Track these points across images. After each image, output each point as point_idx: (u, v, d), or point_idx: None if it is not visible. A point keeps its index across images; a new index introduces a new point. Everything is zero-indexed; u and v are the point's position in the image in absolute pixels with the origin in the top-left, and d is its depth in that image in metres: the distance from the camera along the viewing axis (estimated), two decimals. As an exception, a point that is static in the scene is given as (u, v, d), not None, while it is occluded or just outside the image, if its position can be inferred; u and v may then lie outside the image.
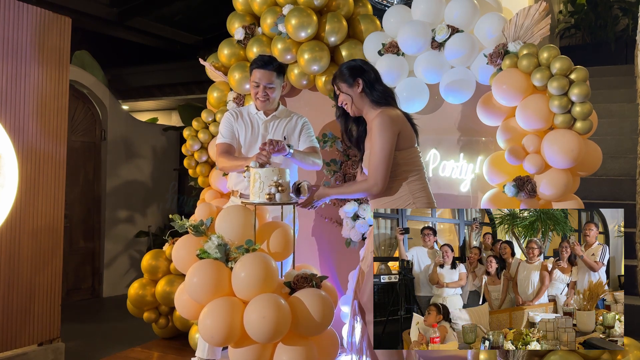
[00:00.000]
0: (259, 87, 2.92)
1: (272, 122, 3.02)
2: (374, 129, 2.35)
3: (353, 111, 2.48)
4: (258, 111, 3.02)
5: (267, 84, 2.91)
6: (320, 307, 2.33)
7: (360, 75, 2.44)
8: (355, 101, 2.45)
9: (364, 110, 2.47)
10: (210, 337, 2.31)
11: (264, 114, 3.01)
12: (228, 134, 3.00)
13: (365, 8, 3.56)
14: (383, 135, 2.31)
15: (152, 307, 3.84)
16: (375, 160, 2.32)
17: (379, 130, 2.31)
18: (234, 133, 3.02)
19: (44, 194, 3.22)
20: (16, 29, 3.06)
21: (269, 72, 2.90)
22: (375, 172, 2.33)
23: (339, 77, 2.48)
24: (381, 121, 2.33)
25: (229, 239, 2.50)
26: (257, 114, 3.02)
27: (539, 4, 2.79)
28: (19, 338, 3.10)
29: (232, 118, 3.03)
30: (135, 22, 7.11)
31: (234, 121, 3.02)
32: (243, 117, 3.05)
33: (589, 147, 2.67)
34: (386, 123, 2.32)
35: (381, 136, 2.31)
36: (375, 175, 2.33)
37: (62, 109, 3.33)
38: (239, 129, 3.02)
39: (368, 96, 2.43)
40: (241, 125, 3.02)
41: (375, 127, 2.34)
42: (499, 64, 2.82)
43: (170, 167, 6.48)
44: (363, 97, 2.44)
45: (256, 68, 2.92)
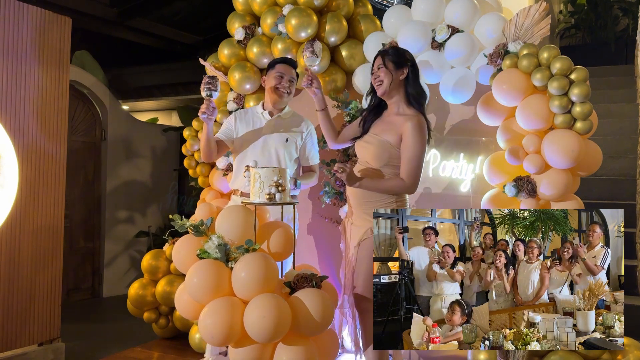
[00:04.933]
0: (284, 78, 2.95)
1: (275, 122, 3.01)
2: (407, 135, 2.45)
3: (384, 90, 2.55)
4: (264, 111, 3.02)
5: (291, 77, 2.97)
6: (320, 307, 2.33)
7: (409, 66, 2.55)
8: (394, 84, 2.53)
9: (394, 98, 2.57)
10: (210, 337, 2.31)
11: (269, 114, 3.01)
12: (223, 130, 3.04)
13: (365, 8, 3.56)
14: (419, 141, 2.45)
15: (152, 307, 3.84)
16: (415, 164, 2.45)
17: (416, 136, 2.44)
18: (230, 132, 3.02)
19: (44, 194, 3.22)
20: (16, 29, 3.06)
21: (291, 68, 2.99)
22: (414, 175, 2.45)
23: (393, 55, 2.56)
24: (420, 126, 2.46)
25: (229, 239, 2.50)
26: (262, 114, 3.02)
27: (539, 4, 2.79)
28: (19, 338, 3.10)
29: (232, 119, 3.05)
30: (135, 22, 7.11)
31: (233, 122, 3.03)
32: (245, 116, 3.06)
33: (589, 147, 2.67)
34: (424, 129, 2.48)
35: (420, 141, 2.45)
36: (414, 177, 2.46)
37: (62, 109, 3.33)
38: (239, 126, 3.02)
39: (406, 87, 2.54)
40: (243, 122, 3.03)
41: (408, 132, 2.45)
42: (499, 64, 2.82)
43: (170, 167, 6.47)
44: (401, 85, 2.55)
45: (280, 63, 2.99)
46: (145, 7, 6.81)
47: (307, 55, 2.80)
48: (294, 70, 3.00)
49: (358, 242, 2.53)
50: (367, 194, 2.51)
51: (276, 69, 2.97)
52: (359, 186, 2.50)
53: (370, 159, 2.55)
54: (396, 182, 2.47)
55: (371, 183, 2.51)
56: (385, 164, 2.51)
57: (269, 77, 2.99)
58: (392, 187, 2.48)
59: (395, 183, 2.47)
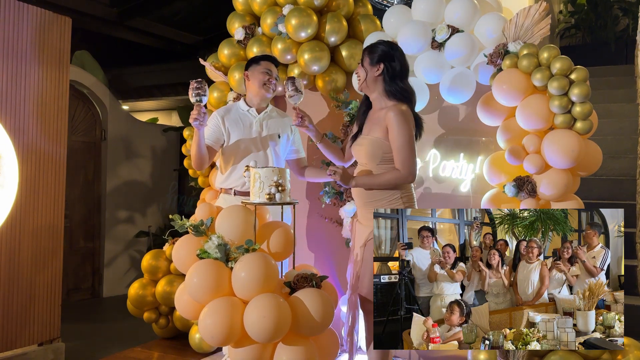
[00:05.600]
0: (271, 74, 2.96)
1: (265, 121, 3.02)
2: (392, 125, 2.44)
3: (360, 86, 2.60)
4: (250, 108, 3.01)
5: (276, 74, 3.00)
6: (320, 307, 2.33)
7: (385, 61, 2.51)
8: (370, 80, 2.54)
9: (374, 94, 2.58)
10: (210, 337, 2.31)
11: (256, 111, 3.01)
12: (209, 135, 2.94)
13: (365, 8, 3.56)
14: (404, 127, 2.43)
15: (152, 307, 3.84)
16: (406, 152, 2.43)
17: (400, 123, 2.42)
18: (219, 136, 2.95)
19: (44, 194, 3.22)
20: (16, 29, 3.06)
21: (275, 67, 3.01)
22: (408, 162, 2.43)
23: (369, 51, 2.58)
24: (397, 115, 2.44)
25: (229, 239, 2.51)
26: (248, 111, 3.01)
27: (539, 4, 2.79)
28: (19, 338, 3.10)
29: (219, 119, 2.97)
30: (135, 22, 7.10)
31: (221, 123, 2.96)
32: (231, 115, 3.00)
33: (589, 147, 2.67)
34: (406, 115, 2.46)
35: (403, 129, 2.42)
36: (409, 165, 2.43)
37: (62, 109, 3.33)
38: (229, 128, 2.96)
39: (384, 84, 2.52)
40: (232, 124, 2.97)
41: (392, 122, 2.44)
42: (499, 64, 2.82)
43: (170, 167, 6.47)
44: (378, 81, 2.54)
45: (265, 60, 3.00)
46: (145, 7, 6.81)
47: (291, 94, 2.70)
48: (276, 69, 3.03)
49: (364, 242, 2.53)
50: (369, 193, 2.51)
51: (262, 65, 2.97)
52: (355, 185, 2.50)
53: (366, 160, 2.55)
54: (392, 173, 2.46)
55: (367, 179, 2.51)
56: (380, 161, 2.50)
57: (254, 72, 2.97)
58: (388, 179, 2.46)
59: (391, 175, 2.46)
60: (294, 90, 2.69)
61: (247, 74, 3.01)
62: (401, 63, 2.54)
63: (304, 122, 2.72)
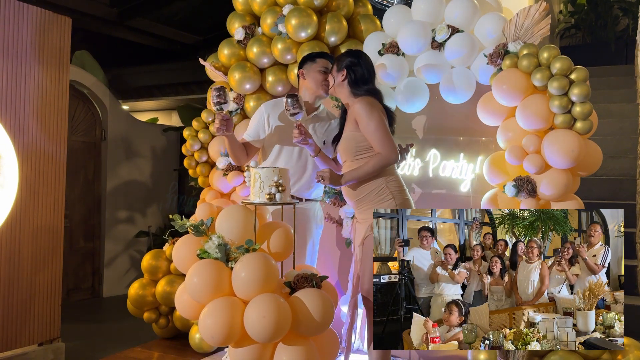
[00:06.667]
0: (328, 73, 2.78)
1: (312, 124, 2.88)
2: (360, 114, 2.53)
3: (330, 91, 2.77)
4: None
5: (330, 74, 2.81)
6: (320, 307, 2.33)
7: (349, 69, 2.64)
8: (338, 86, 2.68)
9: (343, 98, 2.69)
10: (210, 337, 2.31)
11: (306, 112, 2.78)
12: (252, 132, 2.87)
13: (365, 8, 3.56)
14: (372, 113, 2.51)
15: (152, 307, 3.84)
16: (380, 133, 2.50)
17: (366, 111, 2.52)
18: (259, 132, 2.86)
19: (44, 194, 3.22)
20: (16, 29, 3.06)
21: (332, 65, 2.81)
22: (386, 142, 2.49)
23: (336, 60, 2.73)
24: (364, 105, 2.54)
25: (229, 238, 2.51)
26: None
27: (539, 4, 2.79)
28: (19, 338, 3.10)
29: (264, 115, 2.88)
30: (135, 22, 7.11)
31: (265, 120, 2.87)
32: (278, 109, 2.87)
33: (589, 147, 2.67)
34: (369, 105, 2.54)
35: (371, 114, 2.51)
36: (388, 144, 2.49)
37: (62, 109, 3.33)
38: (273, 127, 2.85)
39: (349, 87, 2.64)
40: (277, 122, 2.85)
41: (359, 111, 2.54)
42: (499, 64, 2.82)
43: (170, 167, 6.47)
44: (344, 86, 2.65)
45: (321, 57, 2.86)
46: (145, 7, 6.82)
47: (294, 112, 2.59)
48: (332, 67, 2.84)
49: (362, 239, 2.55)
50: (357, 191, 2.56)
51: (319, 63, 2.84)
52: (345, 182, 2.56)
53: (344, 156, 2.65)
54: (374, 158, 2.51)
55: (354, 173, 2.55)
56: (356, 151, 2.57)
57: (310, 70, 2.84)
58: (373, 164, 2.50)
59: (375, 160, 2.51)
60: (298, 107, 2.59)
61: (303, 72, 2.87)
62: (367, 69, 2.65)
63: (305, 139, 2.68)
